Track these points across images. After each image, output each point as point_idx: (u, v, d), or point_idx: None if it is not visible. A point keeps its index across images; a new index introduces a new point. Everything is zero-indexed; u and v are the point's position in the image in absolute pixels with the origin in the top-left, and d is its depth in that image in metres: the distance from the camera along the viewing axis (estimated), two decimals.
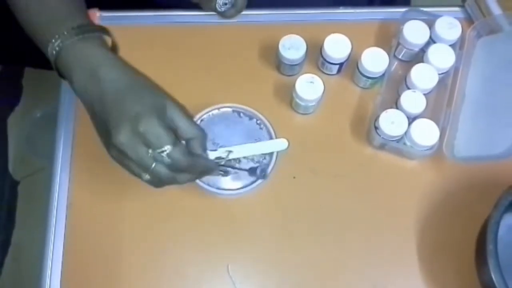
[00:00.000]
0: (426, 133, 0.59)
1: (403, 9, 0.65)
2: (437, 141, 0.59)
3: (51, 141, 0.64)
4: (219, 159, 0.59)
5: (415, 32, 0.62)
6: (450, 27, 0.62)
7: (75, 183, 0.62)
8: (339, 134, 0.64)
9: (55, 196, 0.61)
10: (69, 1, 0.55)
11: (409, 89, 0.61)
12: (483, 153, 0.59)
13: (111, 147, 0.48)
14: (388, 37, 0.66)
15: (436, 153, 0.60)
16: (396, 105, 0.62)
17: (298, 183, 0.62)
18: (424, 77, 0.60)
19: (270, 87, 0.65)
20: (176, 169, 0.48)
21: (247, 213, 0.61)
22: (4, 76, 1.35)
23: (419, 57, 0.64)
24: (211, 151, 0.60)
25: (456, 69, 0.63)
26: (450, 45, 0.62)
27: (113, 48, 0.56)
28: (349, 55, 0.62)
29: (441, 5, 0.69)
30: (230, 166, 0.60)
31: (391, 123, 0.59)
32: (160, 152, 0.47)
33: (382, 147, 0.62)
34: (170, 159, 0.47)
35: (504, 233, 0.54)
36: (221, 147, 0.60)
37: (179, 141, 0.48)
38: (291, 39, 0.62)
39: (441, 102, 0.63)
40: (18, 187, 1.31)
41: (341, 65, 0.63)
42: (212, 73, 0.66)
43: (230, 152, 0.60)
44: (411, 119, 0.60)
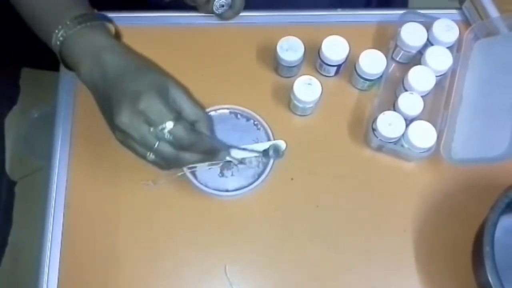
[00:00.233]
0: (423, 135, 0.59)
1: (401, 12, 0.66)
2: (434, 143, 0.59)
3: (49, 141, 0.63)
4: (230, 148, 0.59)
5: (412, 34, 0.62)
6: (447, 30, 0.63)
7: (72, 184, 0.62)
8: (337, 135, 0.64)
9: (52, 196, 0.61)
10: None
11: (406, 91, 0.61)
12: (480, 155, 0.59)
13: (115, 130, 0.48)
14: (385, 39, 0.66)
15: (433, 155, 0.60)
16: (393, 107, 0.62)
17: (296, 185, 0.62)
18: (421, 79, 0.61)
19: (268, 89, 0.65)
20: (179, 146, 0.48)
21: (245, 214, 0.61)
22: (1, 76, 1.35)
23: (417, 59, 0.64)
24: None
25: (453, 71, 0.64)
26: (447, 48, 0.62)
27: (116, 35, 0.56)
28: (347, 57, 0.62)
29: (439, 8, 0.69)
30: (242, 149, 0.59)
31: (388, 125, 0.59)
32: (161, 129, 0.46)
33: (379, 149, 0.62)
34: (172, 136, 0.47)
35: (501, 235, 0.54)
36: None
37: (181, 118, 0.48)
38: (289, 40, 0.62)
39: (439, 104, 0.63)
40: (15, 187, 1.30)
41: (339, 67, 0.64)
42: (210, 75, 0.66)
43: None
44: (409, 121, 0.60)
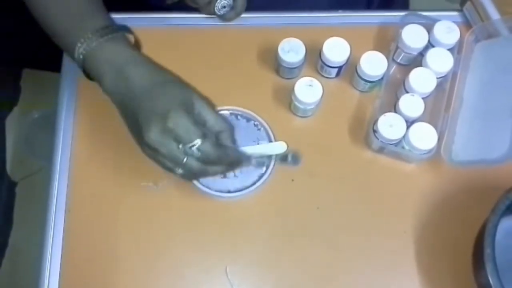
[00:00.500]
0: (424, 137, 0.59)
1: (402, 13, 0.66)
2: (435, 145, 0.59)
3: (49, 142, 0.63)
4: (251, 157, 0.59)
5: (413, 36, 0.62)
6: (448, 31, 0.63)
7: (73, 185, 0.62)
8: (338, 137, 0.64)
9: (53, 197, 0.61)
10: (88, 2, 0.55)
11: (407, 93, 0.61)
12: (481, 157, 0.59)
13: (143, 146, 0.49)
14: (386, 41, 0.66)
15: (434, 156, 0.60)
16: (394, 108, 0.62)
17: (296, 186, 0.62)
18: (422, 81, 0.61)
19: (269, 90, 0.66)
20: (207, 161, 0.49)
21: (245, 216, 0.61)
22: (2, 77, 1.35)
23: (418, 61, 0.64)
24: None
25: (454, 73, 0.64)
26: (448, 49, 0.62)
27: (136, 45, 0.56)
28: (348, 59, 0.62)
29: (440, 10, 0.69)
30: (262, 156, 0.59)
31: (389, 126, 0.59)
32: (190, 146, 0.47)
33: (380, 150, 0.62)
34: (200, 152, 0.48)
35: (501, 237, 0.54)
36: None
37: (208, 134, 0.49)
38: (290, 42, 0.62)
39: (439, 106, 0.63)
40: (16, 188, 1.30)
41: (340, 68, 0.64)
42: (211, 76, 0.66)
43: None
44: (410, 123, 0.60)
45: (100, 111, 0.64)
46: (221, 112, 0.63)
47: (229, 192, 0.60)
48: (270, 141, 0.61)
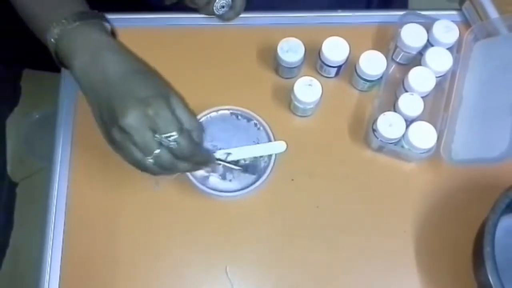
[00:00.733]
0: (423, 136, 0.59)
1: (401, 13, 0.66)
2: (434, 144, 0.59)
3: (50, 142, 0.64)
4: (217, 161, 0.59)
5: (412, 35, 0.62)
6: (447, 31, 0.63)
7: (74, 185, 0.62)
8: (337, 136, 0.64)
9: (53, 197, 0.61)
10: None
11: (407, 92, 0.61)
12: (480, 156, 0.59)
13: (114, 130, 0.47)
14: (386, 40, 0.66)
15: (433, 155, 0.60)
16: (394, 107, 0.62)
17: (296, 185, 0.62)
18: (421, 80, 0.61)
19: (268, 90, 0.66)
20: (180, 156, 0.48)
21: (245, 215, 0.61)
22: (2, 77, 1.35)
23: (417, 60, 0.64)
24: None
25: (453, 72, 0.64)
26: (447, 49, 0.63)
27: (112, 34, 0.56)
28: (347, 58, 0.62)
29: (439, 9, 0.69)
30: (224, 161, 0.60)
31: (389, 125, 0.59)
32: (167, 137, 0.47)
33: (380, 149, 0.62)
34: (176, 144, 0.47)
35: (501, 235, 0.54)
36: (220, 149, 0.60)
37: (185, 129, 0.49)
38: (290, 42, 0.62)
39: (439, 105, 0.63)
40: (16, 188, 1.31)
41: (339, 68, 0.64)
42: (210, 76, 0.66)
43: (229, 154, 0.60)
44: (409, 122, 0.60)
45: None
46: (222, 111, 0.63)
47: (229, 192, 0.60)
48: (269, 140, 0.61)
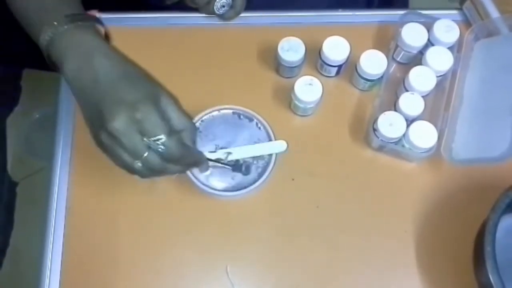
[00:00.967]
0: (424, 135, 0.59)
1: (402, 12, 0.66)
2: (435, 143, 0.59)
3: (50, 142, 0.64)
4: (218, 160, 0.59)
5: (413, 34, 0.62)
6: (448, 30, 0.63)
7: (74, 184, 0.62)
8: (338, 136, 0.64)
9: (54, 197, 0.61)
10: None
11: (407, 91, 0.61)
12: (481, 156, 0.59)
13: (102, 134, 0.47)
14: (386, 40, 0.66)
15: (434, 155, 0.60)
16: (394, 107, 0.62)
17: (296, 185, 0.62)
18: (422, 79, 0.61)
19: (269, 89, 0.66)
20: (169, 158, 0.48)
21: (246, 215, 0.61)
22: (3, 77, 1.35)
23: (417, 59, 0.64)
24: (210, 152, 0.60)
25: (454, 71, 0.64)
26: (448, 48, 0.63)
27: (106, 37, 0.56)
28: (348, 58, 0.62)
29: (439, 8, 0.69)
30: (216, 161, 0.59)
31: (389, 125, 0.59)
32: (155, 140, 0.46)
33: (380, 149, 0.62)
34: (165, 148, 0.47)
35: (502, 235, 0.54)
36: (221, 148, 0.60)
37: (173, 132, 0.48)
38: (290, 41, 0.62)
39: (439, 104, 0.63)
40: (17, 188, 1.31)
41: (339, 67, 0.64)
42: (211, 75, 0.66)
43: (229, 153, 0.60)
44: (410, 121, 0.60)
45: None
46: (224, 110, 0.63)
47: (229, 191, 0.60)
48: (270, 140, 0.61)
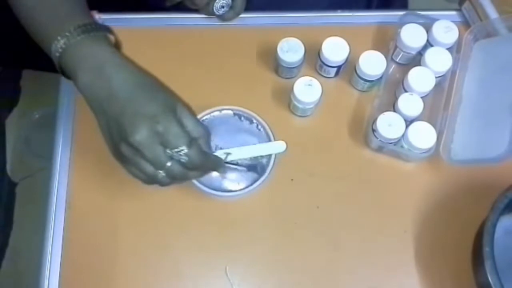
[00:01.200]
0: (423, 136, 0.59)
1: (401, 13, 0.66)
2: (434, 144, 0.59)
3: (50, 142, 0.64)
4: (234, 163, 0.59)
5: (412, 35, 0.62)
6: (447, 31, 0.63)
7: (74, 184, 0.62)
8: (337, 136, 0.64)
9: (53, 198, 0.61)
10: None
11: (406, 92, 0.61)
12: (480, 156, 0.59)
13: (123, 146, 0.48)
14: (385, 40, 0.66)
15: (433, 155, 0.60)
16: (393, 107, 0.62)
17: (296, 186, 0.62)
18: (421, 80, 0.61)
19: (268, 90, 0.66)
20: (191, 167, 0.49)
21: (245, 215, 0.61)
22: (2, 77, 1.35)
23: (417, 60, 0.64)
24: None
25: (453, 72, 0.64)
26: (447, 49, 0.63)
27: (116, 46, 0.56)
28: (347, 58, 0.62)
29: (438, 9, 0.69)
30: (231, 163, 0.60)
31: (388, 125, 0.59)
32: (178, 151, 0.48)
33: (379, 149, 0.63)
34: (187, 158, 0.48)
35: (500, 235, 0.54)
36: (220, 149, 0.60)
37: (194, 140, 0.49)
38: (289, 42, 0.62)
39: (438, 105, 0.63)
40: (16, 188, 1.31)
41: (339, 68, 0.64)
42: (210, 76, 0.66)
43: (228, 154, 0.60)
44: (409, 122, 0.60)
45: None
46: (225, 111, 0.63)
47: (229, 192, 0.60)
48: (269, 140, 0.61)
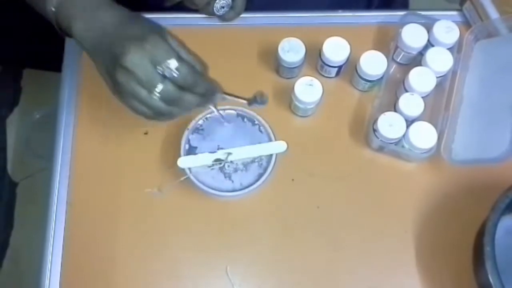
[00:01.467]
0: (424, 136, 0.59)
1: (402, 13, 0.66)
2: (435, 144, 0.59)
3: (50, 142, 0.64)
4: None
5: (413, 35, 0.62)
6: (448, 31, 0.63)
7: (74, 184, 0.62)
8: (338, 136, 0.64)
9: (54, 197, 0.61)
10: None
11: (407, 92, 0.61)
12: (481, 156, 0.59)
13: (117, 72, 0.48)
14: (386, 41, 0.66)
15: (434, 155, 0.60)
16: (394, 108, 0.62)
17: (296, 186, 0.62)
18: (422, 80, 0.61)
19: (269, 90, 0.66)
20: (183, 84, 0.49)
21: (246, 215, 0.61)
22: (3, 77, 1.35)
23: (417, 60, 0.64)
24: (211, 153, 0.60)
25: (454, 72, 0.64)
26: (448, 49, 0.63)
27: None
28: (348, 58, 0.62)
29: (439, 9, 0.69)
30: (229, 94, 0.60)
31: (389, 125, 0.59)
32: (167, 66, 0.48)
33: (380, 149, 0.63)
34: (178, 72, 0.48)
35: (501, 235, 0.54)
36: (221, 149, 0.61)
37: (183, 59, 0.50)
38: (290, 42, 0.62)
39: (439, 105, 0.63)
40: (17, 188, 1.31)
41: (339, 68, 0.64)
42: (211, 76, 0.66)
43: (229, 154, 0.60)
44: (409, 122, 0.60)
45: (101, 111, 0.64)
46: (228, 111, 0.63)
47: (230, 191, 0.60)
48: (270, 140, 0.61)
